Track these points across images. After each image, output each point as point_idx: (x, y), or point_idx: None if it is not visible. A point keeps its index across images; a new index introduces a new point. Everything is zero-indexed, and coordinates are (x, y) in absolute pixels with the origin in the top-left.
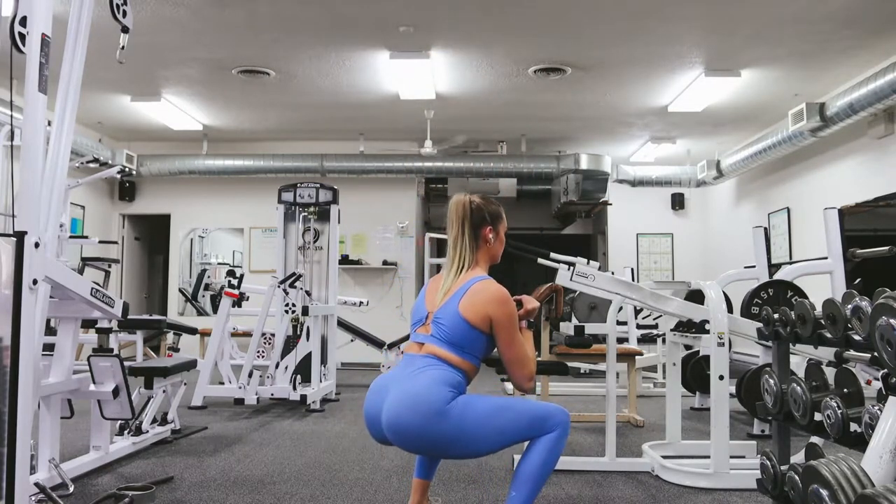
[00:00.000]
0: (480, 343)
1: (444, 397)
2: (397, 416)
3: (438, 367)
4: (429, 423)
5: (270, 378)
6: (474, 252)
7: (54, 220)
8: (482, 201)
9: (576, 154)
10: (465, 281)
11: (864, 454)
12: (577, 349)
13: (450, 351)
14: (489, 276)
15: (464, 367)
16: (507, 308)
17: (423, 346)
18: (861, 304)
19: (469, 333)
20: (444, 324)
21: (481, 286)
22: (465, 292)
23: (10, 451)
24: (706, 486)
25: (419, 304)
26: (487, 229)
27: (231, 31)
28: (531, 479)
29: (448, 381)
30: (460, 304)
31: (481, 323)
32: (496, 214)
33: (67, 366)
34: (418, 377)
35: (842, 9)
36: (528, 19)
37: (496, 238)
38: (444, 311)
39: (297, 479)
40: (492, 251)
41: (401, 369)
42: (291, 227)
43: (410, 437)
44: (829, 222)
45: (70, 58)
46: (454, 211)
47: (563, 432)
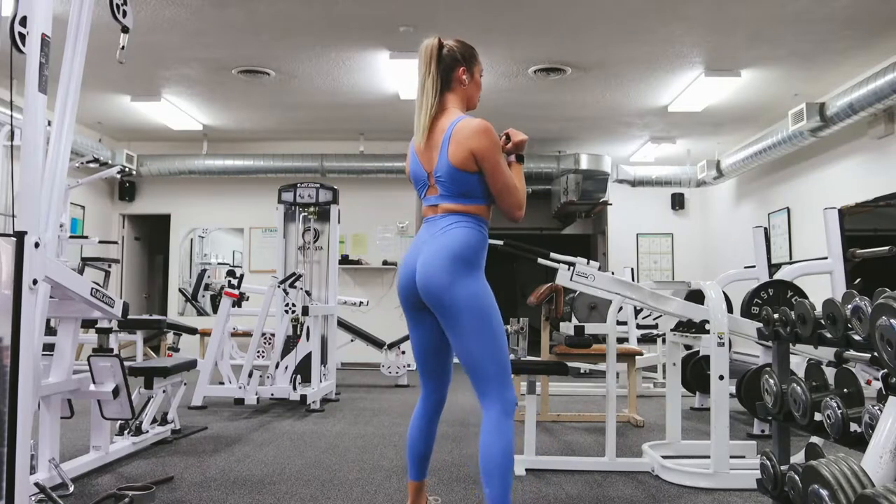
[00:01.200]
0: (481, 183)
1: (472, 257)
2: (429, 272)
3: (460, 223)
4: (457, 279)
5: (270, 378)
6: (445, 93)
7: (54, 220)
8: (454, 41)
9: (576, 154)
10: (446, 125)
11: (864, 454)
12: (577, 349)
13: (462, 202)
14: (467, 115)
15: (480, 213)
16: (487, 137)
17: (437, 207)
18: (861, 304)
19: (468, 179)
20: (444, 180)
21: (461, 125)
22: (449, 138)
23: (10, 451)
24: (706, 486)
25: (415, 168)
26: (461, 69)
27: (231, 31)
28: (499, 468)
29: (473, 241)
30: (448, 152)
31: (470, 164)
32: (469, 54)
33: (67, 366)
34: (445, 237)
35: (842, 9)
36: (528, 19)
37: (471, 79)
38: (439, 166)
39: (297, 479)
40: (467, 93)
41: (425, 233)
42: (291, 227)
43: (438, 291)
44: (829, 222)
45: (70, 58)
46: (423, 54)
47: (512, 414)
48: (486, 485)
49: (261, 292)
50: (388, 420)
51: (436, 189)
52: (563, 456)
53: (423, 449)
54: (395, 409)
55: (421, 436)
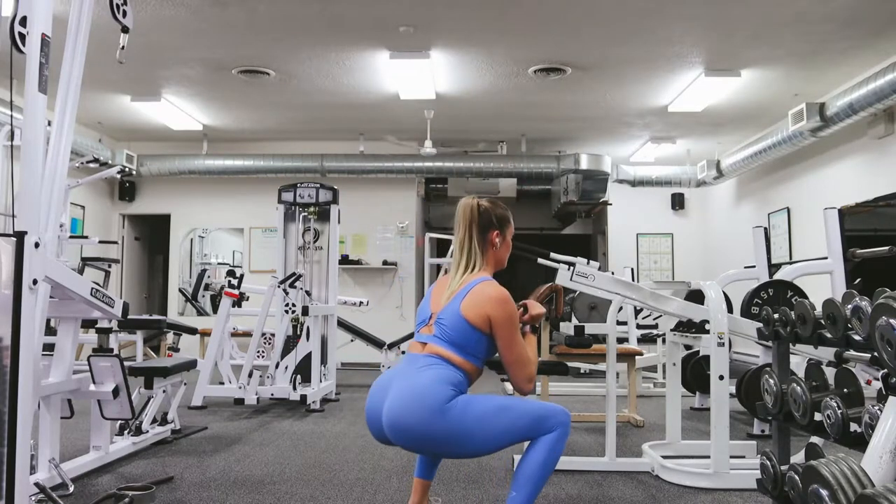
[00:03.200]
0: (482, 344)
1: (445, 395)
2: (398, 414)
3: (440, 366)
4: (429, 422)
5: (270, 378)
6: (482, 255)
7: (54, 220)
8: (490, 205)
9: (576, 154)
10: (468, 282)
11: (864, 454)
12: (577, 349)
13: (452, 351)
14: (492, 279)
15: (465, 368)
16: (507, 308)
17: (425, 346)
18: (861, 304)
19: (470, 334)
20: (445, 324)
21: (482, 287)
22: (467, 293)
23: (10, 451)
24: (706, 486)
25: (424, 305)
26: (494, 233)
27: (231, 31)
28: (531, 480)
29: (449, 379)
30: (462, 304)
31: (482, 323)
32: (504, 218)
33: (67, 366)
34: (420, 375)
35: (842, 9)
36: (528, 19)
37: (503, 242)
38: (447, 311)
39: (297, 479)
40: (498, 255)
41: (403, 367)
42: (291, 227)
43: (410, 436)
44: (829, 222)
45: (70, 58)
46: (461, 213)
47: (564, 432)
48: (514, 488)
49: (261, 292)
50: None
51: (431, 329)
52: (563, 456)
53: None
54: None
55: None
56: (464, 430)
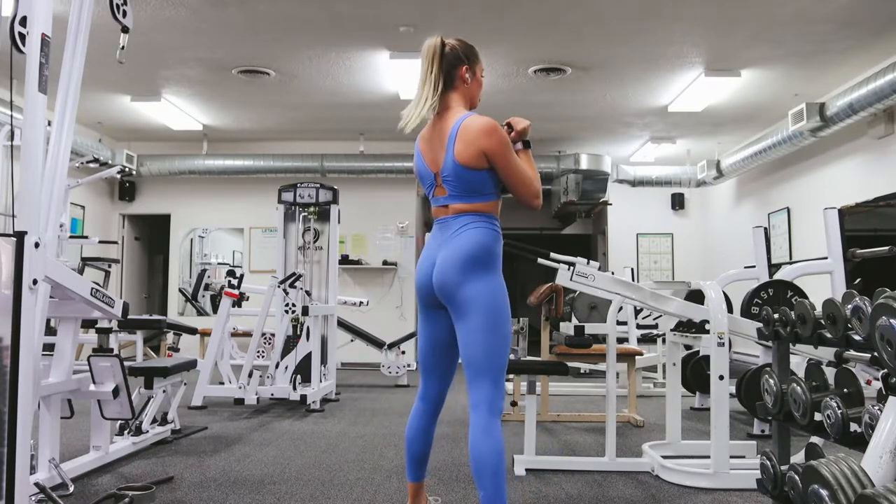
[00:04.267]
0: (491, 180)
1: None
2: (448, 268)
3: (472, 224)
4: (474, 274)
5: (270, 378)
6: (451, 91)
7: (54, 220)
8: (456, 41)
9: (576, 154)
10: (450, 126)
11: (864, 454)
12: (577, 349)
13: (472, 201)
14: (471, 112)
15: (491, 209)
16: (497, 136)
17: (448, 208)
18: (861, 304)
19: (476, 177)
20: (451, 180)
21: (467, 123)
22: (454, 139)
23: (10, 451)
24: (706, 486)
25: (421, 168)
26: (463, 68)
27: (231, 31)
28: (491, 468)
29: (487, 242)
30: (455, 151)
31: (480, 161)
32: (471, 53)
33: (67, 366)
34: (460, 238)
35: (842, 9)
36: (528, 19)
37: (473, 78)
38: (446, 167)
39: (297, 479)
40: (469, 91)
41: (439, 235)
42: (291, 227)
43: (456, 285)
44: (829, 222)
45: (70, 58)
46: (425, 51)
47: (500, 416)
48: (479, 487)
49: (261, 292)
50: (388, 420)
51: (444, 189)
52: (563, 456)
53: (422, 449)
54: (395, 409)
55: (419, 436)
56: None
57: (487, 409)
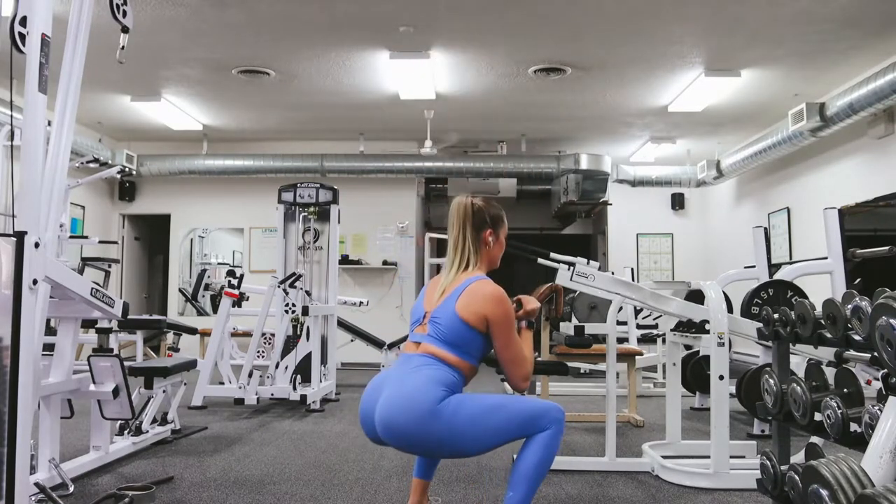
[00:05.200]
0: (477, 343)
1: (436, 396)
2: (390, 415)
3: (434, 366)
4: (420, 423)
5: (270, 378)
6: (476, 254)
7: (54, 220)
8: (484, 203)
9: (576, 154)
10: (462, 281)
11: (864, 454)
12: (577, 349)
13: (446, 350)
14: (487, 277)
15: (460, 367)
16: (504, 308)
17: (419, 346)
18: (861, 304)
19: (466, 333)
20: (440, 323)
21: (478, 286)
22: (461, 292)
23: (10, 451)
24: (706, 486)
25: (418, 305)
26: (488, 232)
27: (231, 31)
28: (528, 479)
29: (442, 380)
30: (457, 303)
31: (478, 322)
32: (497, 217)
33: (67, 366)
34: (412, 376)
35: (842, 9)
36: (528, 19)
37: (496, 241)
38: (441, 310)
39: (297, 479)
40: (491, 254)
41: (397, 368)
42: (291, 227)
43: (403, 437)
44: (829, 222)
45: (70, 58)
46: (455, 212)
47: (558, 430)
48: (510, 488)
49: (261, 292)
50: None
51: (426, 328)
52: (563, 456)
53: None
54: None
55: None
56: (456, 430)
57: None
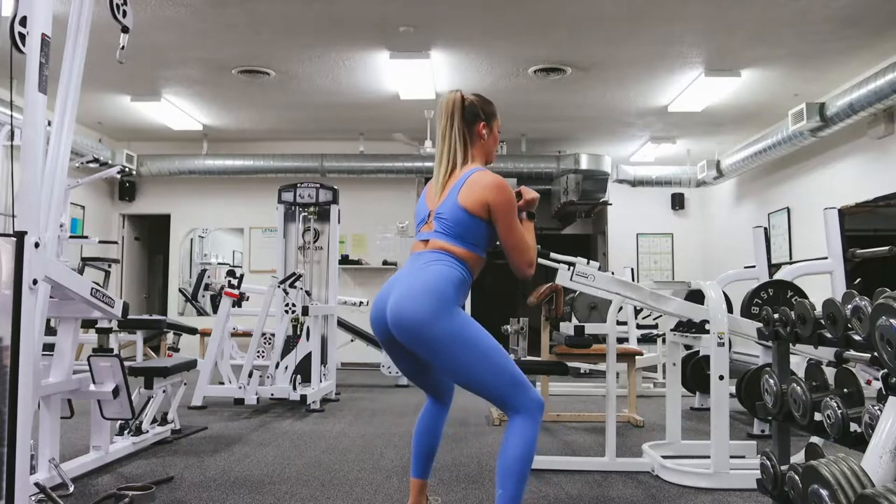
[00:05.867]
0: (482, 232)
1: (449, 295)
2: (401, 305)
3: (443, 261)
4: (430, 315)
5: (270, 378)
6: (466, 147)
7: (54, 220)
8: (475, 97)
9: (576, 154)
10: (462, 174)
11: (864, 454)
12: (577, 349)
13: (454, 243)
14: (485, 168)
15: (468, 259)
16: (505, 194)
17: (428, 243)
18: (861, 304)
19: (470, 223)
20: (445, 217)
21: (478, 176)
22: (462, 184)
23: (10, 451)
24: (706, 486)
25: (421, 205)
26: (481, 125)
27: (231, 31)
28: (513, 473)
29: (453, 279)
30: (459, 195)
31: (480, 210)
32: (489, 111)
33: (67, 366)
34: (425, 271)
35: (842, 9)
36: (528, 19)
37: (490, 134)
38: (445, 205)
39: (297, 479)
40: (486, 147)
41: (408, 266)
42: (291, 227)
43: (409, 328)
44: (829, 222)
45: (70, 58)
46: (444, 106)
47: (536, 417)
48: (499, 485)
49: (261, 292)
50: (388, 420)
51: (432, 225)
52: (563, 456)
53: (429, 446)
54: (396, 409)
55: (426, 432)
56: (456, 341)
57: (523, 413)
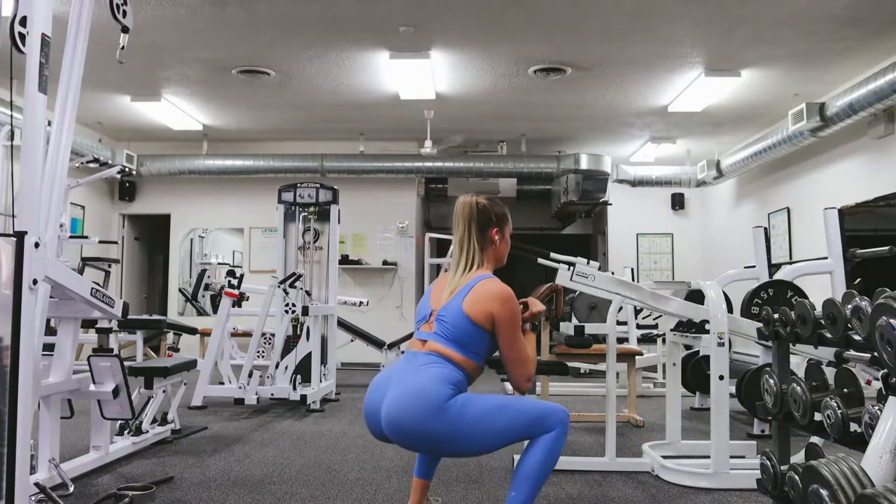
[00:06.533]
0: (483, 342)
1: (444, 394)
2: (396, 412)
3: (440, 364)
4: (427, 421)
5: (270, 378)
6: (482, 252)
7: (54, 220)
8: (488, 202)
9: (576, 154)
10: (469, 279)
11: (864, 454)
12: (577, 349)
13: (452, 349)
14: (494, 276)
15: (466, 366)
16: (510, 306)
17: (426, 344)
18: (861, 304)
19: (472, 331)
20: (447, 321)
21: (485, 284)
22: (469, 290)
23: (10, 451)
24: (706, 486)
25: (424, 303)
26: (494, 231)
27: (231, 31)
28: (531, 479)
29: (449, 378)
30: (464, 301)
31: (484, 321)
32: (502, 216)
33: (67, 366)
34: (419, 374)
35: (842, 9)
36: (528, 19)
37: (501, 239)
38: (448, 308)
39: (297, 479)
40: (497, 252)
41: (402, 366)
42: (291, 227)
43: (408, 434)
44: (829, 222)
45: (70, 58)
46: (460, 211)
47: (563, 431)
48: (513, 487)
49: (261, 292)
50: None
51: (432, 326)
52: (563, 456)
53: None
54: None
55: None
56: (462, 429)
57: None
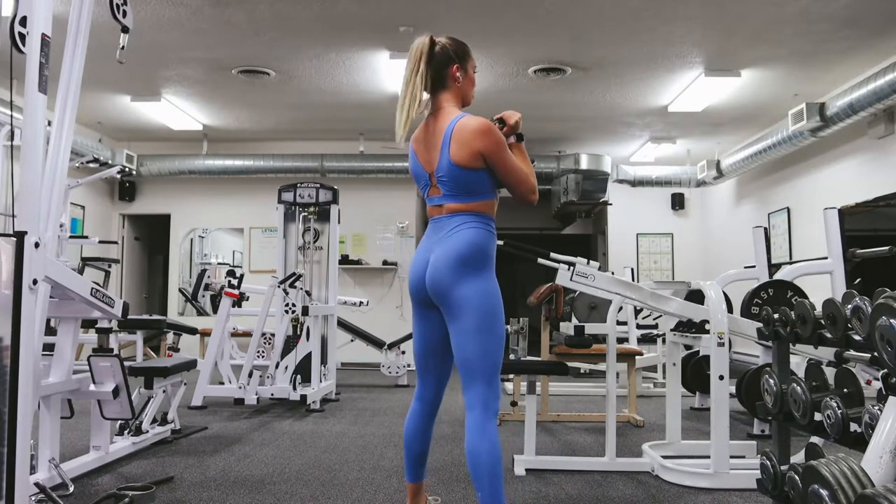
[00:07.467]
0: (485, 179)
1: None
2: (441, 267)
3: (467, 222)
4: (467, 274)
5: (270, 378)
6: (438, 91)
7: (54, 220)
8: (447, 39)
9: (576, 154)
10: (444, 126)
11: (864, 454)
12: (577, 349)
13: (467, 201)
14: (464, 112)
15: (485, 209)
16: (493, 137)
17: (442, 208)
18: (861, 304)
19: (473, 177)
20: (446, 180)
21: (460, 126)
22: (449, 139)
23: (10, 451)
24: (706, 486)
25: (416, 169)
26: (454, 67)
27: (231, 31)
28: (486, 473)
29: (480, 243)
30: (451, 151)
31: (475, 162)
32: (462, 51)
33: (67, 366)
34: (453, 237)
35: (842, 9)
36: (528, 19)
37: (465, 76)
38: (441, 166)
39: (297, 479)
40: (462, 90)
41: (434, 234)
42: (291, 227)
43: (448, 285)
44: (829, 222)
45: (70, 58)
46: (413, 51)
47: (495, 417)
48: (477, 488)
49: (261, 292)
50: (388, 420)
51: (438, 189)
52: (563, 456)
53: (420, 449)
54: (395, 409)
55: (417, 436)
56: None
57: (482, 409)
